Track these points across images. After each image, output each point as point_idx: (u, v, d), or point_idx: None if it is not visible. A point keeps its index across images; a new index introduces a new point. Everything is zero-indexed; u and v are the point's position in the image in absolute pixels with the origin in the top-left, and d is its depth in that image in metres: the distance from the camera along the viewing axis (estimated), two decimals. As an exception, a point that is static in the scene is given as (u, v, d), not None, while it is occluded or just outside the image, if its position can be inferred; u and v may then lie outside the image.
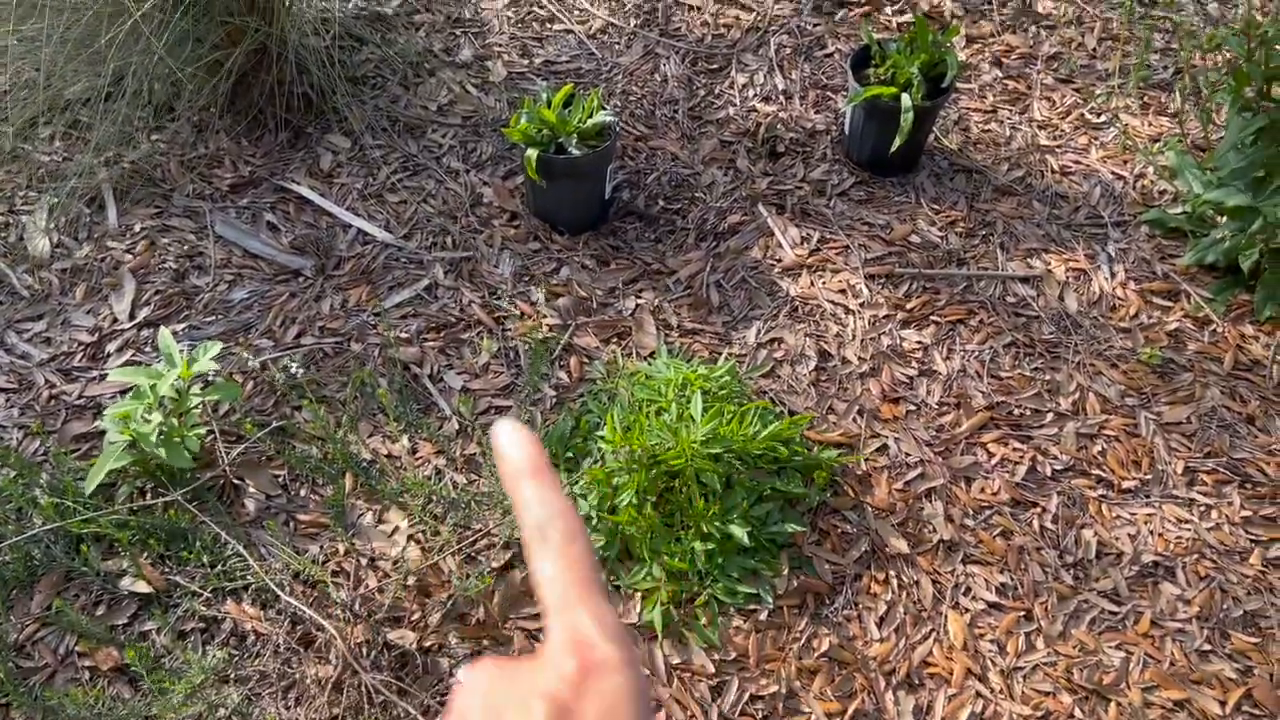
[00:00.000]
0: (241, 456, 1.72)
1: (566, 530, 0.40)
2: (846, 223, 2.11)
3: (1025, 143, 2.26)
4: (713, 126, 2.28)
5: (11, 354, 1.86)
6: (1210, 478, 1.74)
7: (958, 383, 1.86)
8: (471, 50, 2.42)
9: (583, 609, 0.38)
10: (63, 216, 2.05)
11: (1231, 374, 1.87)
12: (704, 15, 2.51)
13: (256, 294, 1.96)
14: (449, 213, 2.11)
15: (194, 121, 2.23)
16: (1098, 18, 2.53)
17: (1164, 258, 2.05)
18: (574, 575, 0.39)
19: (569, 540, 0.40)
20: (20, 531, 1.55)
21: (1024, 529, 1.68)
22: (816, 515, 1.68)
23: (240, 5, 2.05)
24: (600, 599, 0.39)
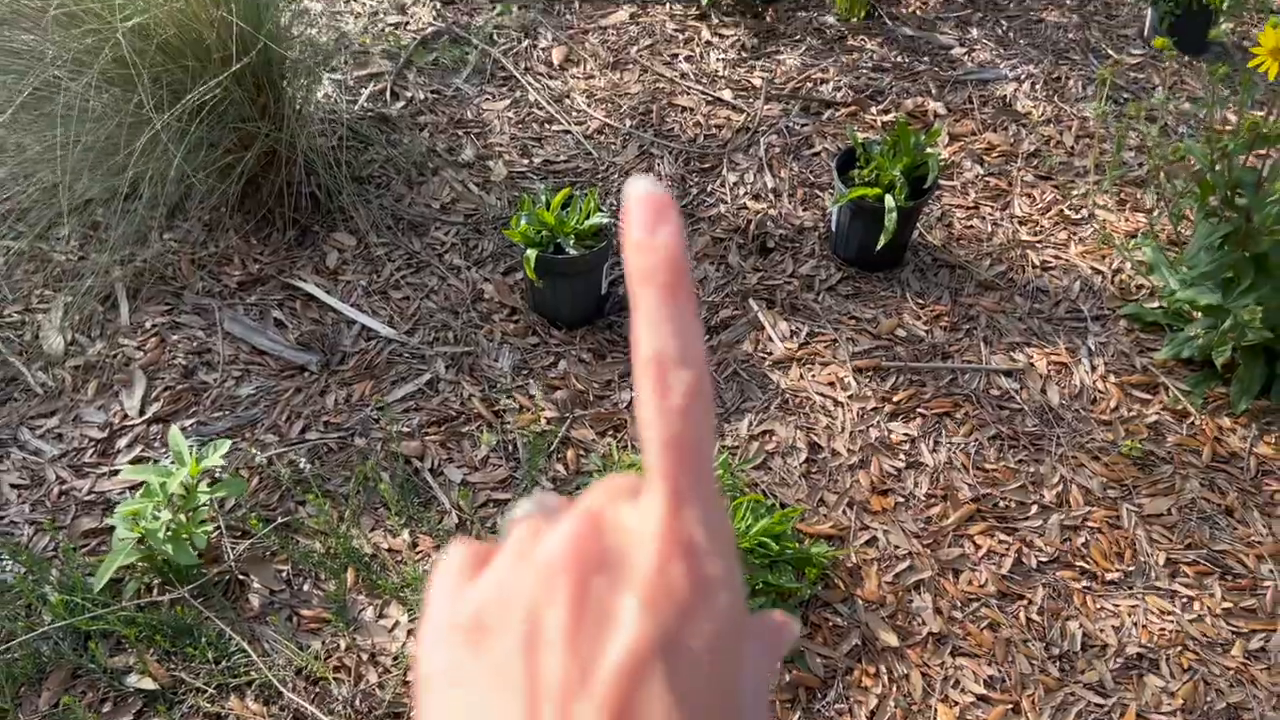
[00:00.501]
0: (247, 552, 1.77)
1: (693, 382, 0.30)
2: (835, 317, 2.18)
3: (1006, 238, 2.34)
4: (705, 223, 2.37)
5: (24, 450, 1.91)
6: (1192, 569, 1.79)
7: (944, 475, 1.91)
8: (473, 150, 2.52)
9: (693, 506, 0.29)
10: (77, 315, 2.12)
11: (1210, 466, 1.93)
12: (696, 116, 2.62)
13: (263, 389, 2.02)
14: (451, 308, 2.18)
15: (205, 221, 2.32)
16: (1075, 116, 2.64)
17: (1142, 351, 2.12)
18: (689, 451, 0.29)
19: (693, 396, 0.29)
20: (30, 628, 1.58)
21: (1011, 621, 1.72)
22: (808, 609, 1.72)
23: (252, 111, 2.14)
24: (715, 493, 0.30)
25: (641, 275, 0.30)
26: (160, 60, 1.98)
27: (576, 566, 0.29)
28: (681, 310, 0.30)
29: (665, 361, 0.29)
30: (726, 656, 0.29)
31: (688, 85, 2.70)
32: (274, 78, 2.16)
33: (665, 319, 0.30)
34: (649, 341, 0.30)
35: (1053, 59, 2.82)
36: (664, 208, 0.31)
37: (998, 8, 3.00)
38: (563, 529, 0.30)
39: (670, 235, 0.31)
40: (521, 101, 2.66)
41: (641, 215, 0.31)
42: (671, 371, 0.29)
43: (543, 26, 2.87)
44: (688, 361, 0.30)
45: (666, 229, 0.31)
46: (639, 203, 0.31)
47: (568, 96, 2.67)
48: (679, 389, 0.29)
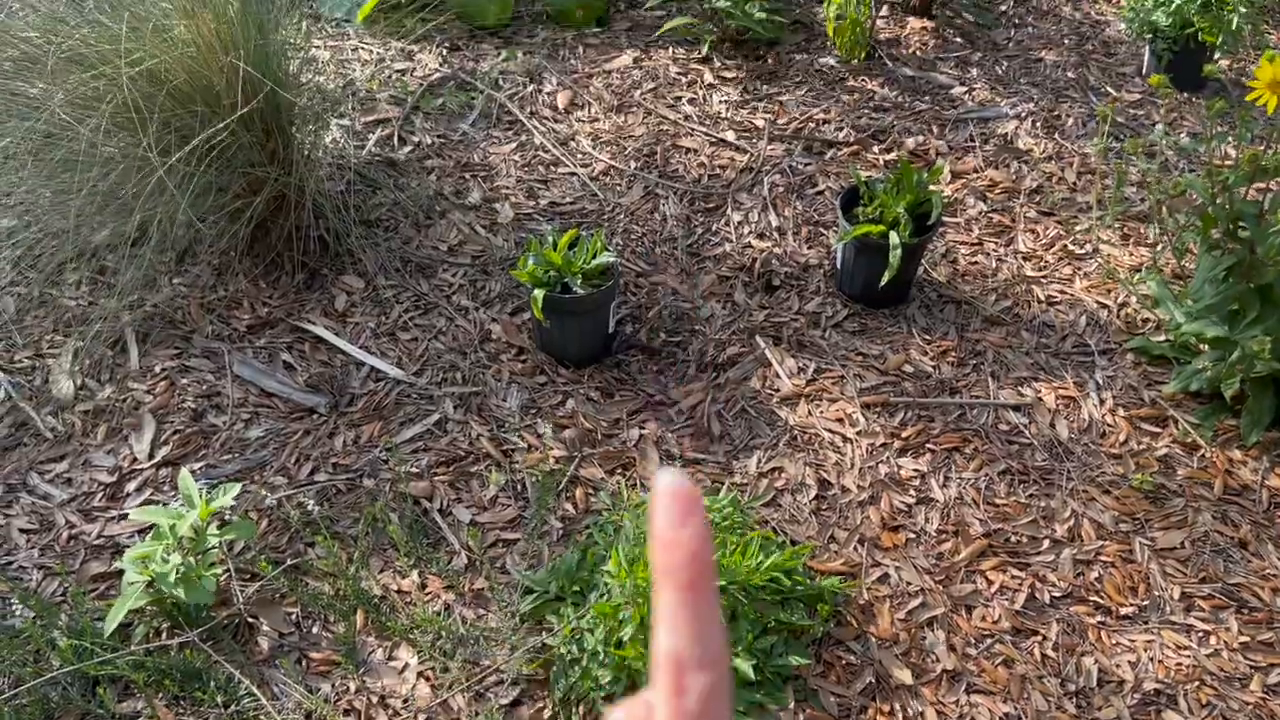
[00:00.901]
0: (256, 595, 1.76)
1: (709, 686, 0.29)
2: (841, 353, 2.19)
3: (1011, 274, 2.35)
4: (710, 262, 2.38)
5: (34, 495, 1.91)
6: (1207, 603, 1.77)
7: (955, 510, 1.91)
8: (480, 193, 2.54)
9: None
10: (87, 359, 2.13)
11: (1222, 499, 1.92)
12: (700, 157, 2.64)
13: (272, 432, 2.02)
14: (459, 349, 2.19)
15: (214, 265, 2.33)
16: (1076, 153, 2.66)
17: (1150, 384, 2.12)
18: None
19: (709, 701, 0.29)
20: (39, 673, 1.58)
21: (1025, 657, 1.70)
22: (821, 646, 1.70)
23: (261, 156, 2.17)
24: None
25: (664, 571, 0.30)
26: (170, 106, 2.00)
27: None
28: (702, 608, 0.30)
29: (683, 662, 0.29)
30: None
31: (691, 127, 2.73)
32: (283, 124, 2.18)
33: (686, 619, 0.30)
34: (667, 639, 0.29)
35: (1052, 97, 2.84)
36: (690, 502, 0.31)
37: (996, 48, 3.04)
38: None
39: (696, 531, 0.31)
40: (527, 145, 2.69)
41: (667, 510, 0.31)
42: (689, 674, 0.29)
43: (547, 71, 2.91)
44: (706, 664, 0.29)
45: (691, 525, 0.31)
46: (665, 496, 0.31)
47: (573, 139, 2.70)
48: (695, 693, 0.29)
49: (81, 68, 1.96)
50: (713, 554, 0.32)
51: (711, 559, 0.30)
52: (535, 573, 1.78)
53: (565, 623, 1.66)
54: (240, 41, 2.03)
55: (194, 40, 1.99)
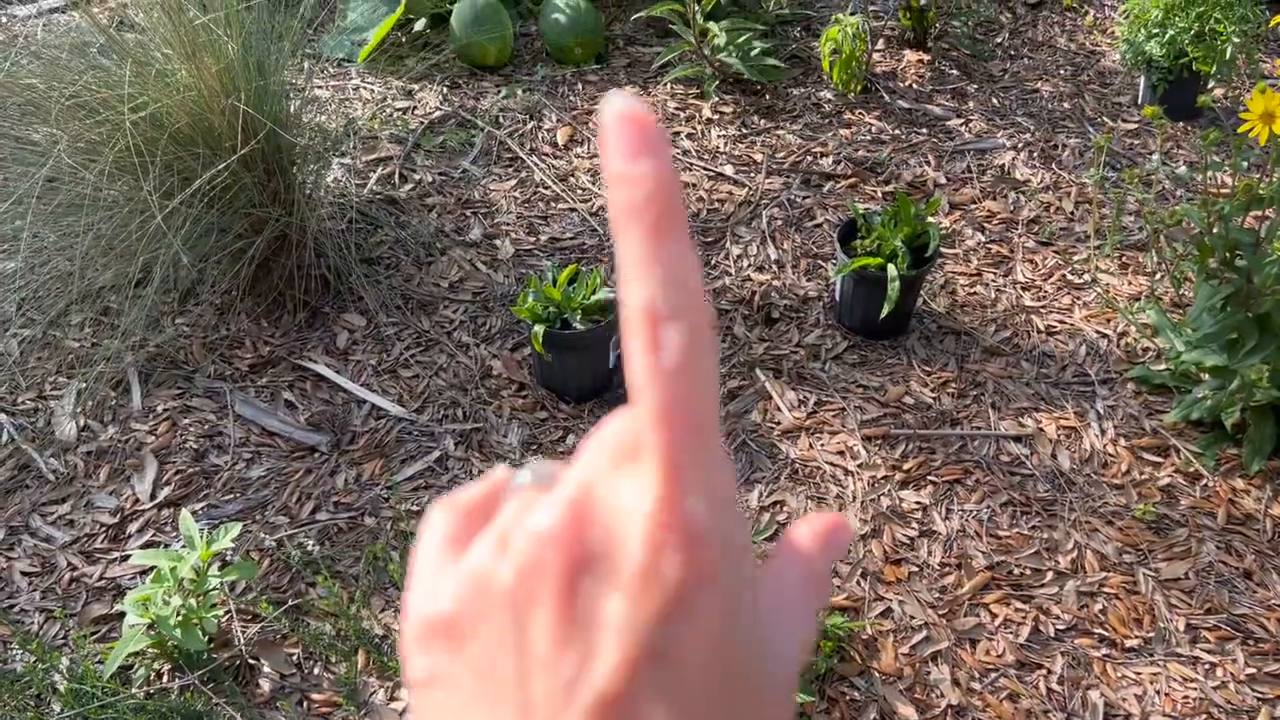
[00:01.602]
0: (257, 636, 1.75)
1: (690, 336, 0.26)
2: (842, 386, 2.19)
3: (1010, 304, 2.36)
4: (710, 296, 2.39)
5: (36, 537, 1.92)
6: (1213, 634, 1.76)
7: (958, 543, 1.90)
8: (481, 230, 2.56)
9: (691, 481, 0.25)
10: (89, 400, 2.14)
11: (1226, 528, 1.91)
12: (699, 191, 2.66)
13: (274, 471, 2.02)
14: (460, 385, 2.19)
15: (216, 305, 2.35)
16: (1073, 183, 2.67)
17: (1151, 414, 2.11)
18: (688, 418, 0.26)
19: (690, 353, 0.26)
20: (39, 718, 1.57)
21: (1031, 691, 1.69)
22: (824, 682, 1.69)
23: (263, 196, 2.19)
24: (718, 461, 0.27)
25: (626, 211, 0.26)
26: (172, 149, 2.02)
27: (561, 562, 0.26)
28: (674, 251, 0.26)
29: (657, 313, 0.25)
30: (733, 651, 0.26)
31: (690, 161, 2.75)
32: (284, 164, 2.20)
33: (655, 261, 0.26)
34: (638, 291, 0.26)
35: (1049, 128, 2.86)
36: (648, 129, 0.26)
37: (992, 79, 3.06)
38: (549, 513, 0.27)
39: (657, 161, 0.26)
40: (527, 181, 2.71)
41: (621, 140, 0.26)
42: (665, 325, 0.25)
43: (547, 108, 2.93)
44: (683, 312, 0.26)
45: (654, 155, 0.26)
46: (618, 124, 0.26)
47: (572, 175, 2.72)
48: (674, 346, 0.25)
49: (85, 113, 1.98)
50: (679, 186, 0.27)
51: (678, 194, 0.26)
52: (537, 610, 1.77)
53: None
54: (241, 84, 2.06)
55: (195, 84, 2.02)
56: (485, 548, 0.28)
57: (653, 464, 0.25)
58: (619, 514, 0.26)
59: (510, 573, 0.27)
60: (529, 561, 0.26)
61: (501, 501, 0.30)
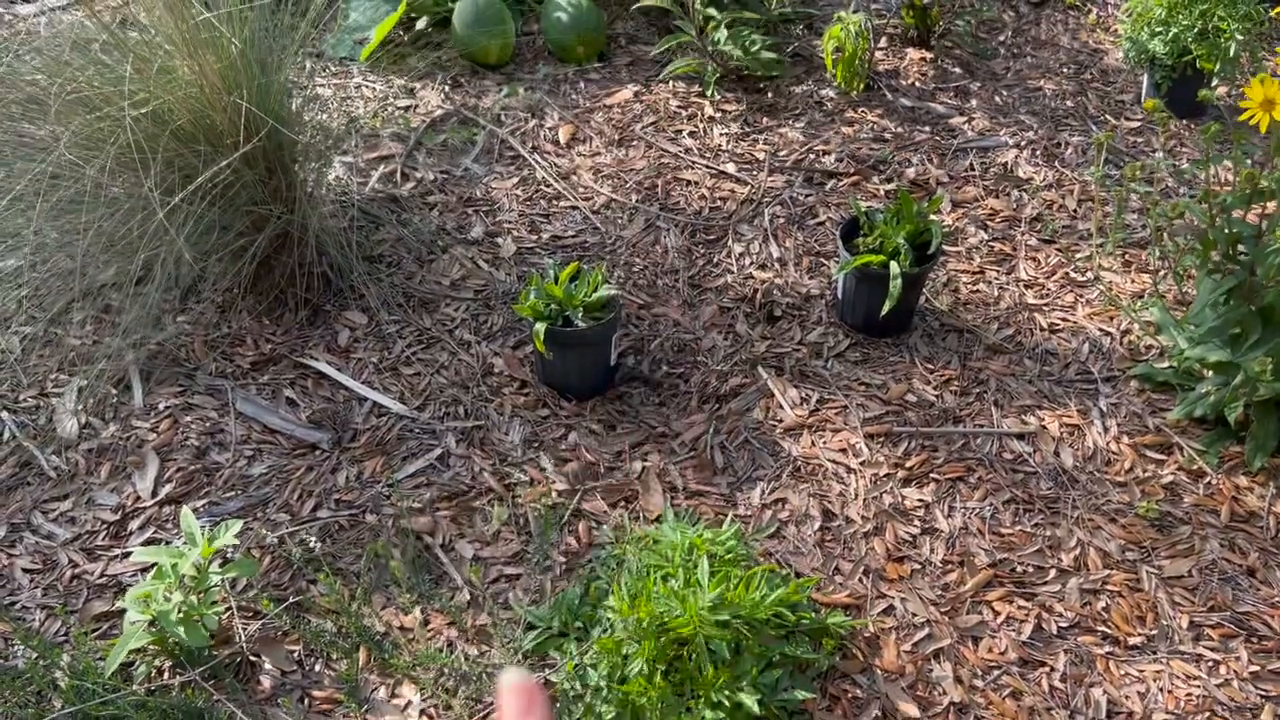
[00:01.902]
0: (258, 633, 1.75)
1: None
2: (844, 383, 2.18)
3: (1013, 302, 2.35)
4: (712, 294, 2.39)
5: (37, 534, 1.92)
6: (1216, 632, 1.75)
7: (960, 540, 1.89)
8: (482, 227, 2.56)
9: None
10: (91, 398, 2.14)
11: (1229, 526, 1.90)
12: (701, 189, 2.65)
13: (275, 468, 2.02)
14: (461, 383, 2.19)
15: (218, 303, 2.35)
16: (1076, 181, 2.67)
17: (1154, 411, 2.11)
18: None
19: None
20: (40, 715, 1.57)
21: (1033, 688, 1.68)
22: (826, 680, 1.69)
23: (264, 194, 2.19)
24: None
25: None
26: (174, 146, 2.02)
27: None
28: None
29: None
30: None
31: (692, 160, 2.75)
32: (286, 162, 2.20)
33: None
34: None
35: (1052, 126, 2.86)
36: (531, 696, 0.36)
37: (995, 77, 3.05)
38: None
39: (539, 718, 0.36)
40: (529, 179, 2.70)
41: (511, 705, 0.36)
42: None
43: (549, 106, 2.93)
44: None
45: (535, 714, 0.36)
46: (508, 693, 0.37)
47: (574, 173, 2.71)
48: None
49: (86, 109, 1.98)
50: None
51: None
52: (538, 608, 1.77)
53: (568, 658, 1.65)
54: (243, 81, 2.06)
55: (197, 80, 2.02)
56: None
57: None
58: None
59: None
60: None
61: None
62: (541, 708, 0.37)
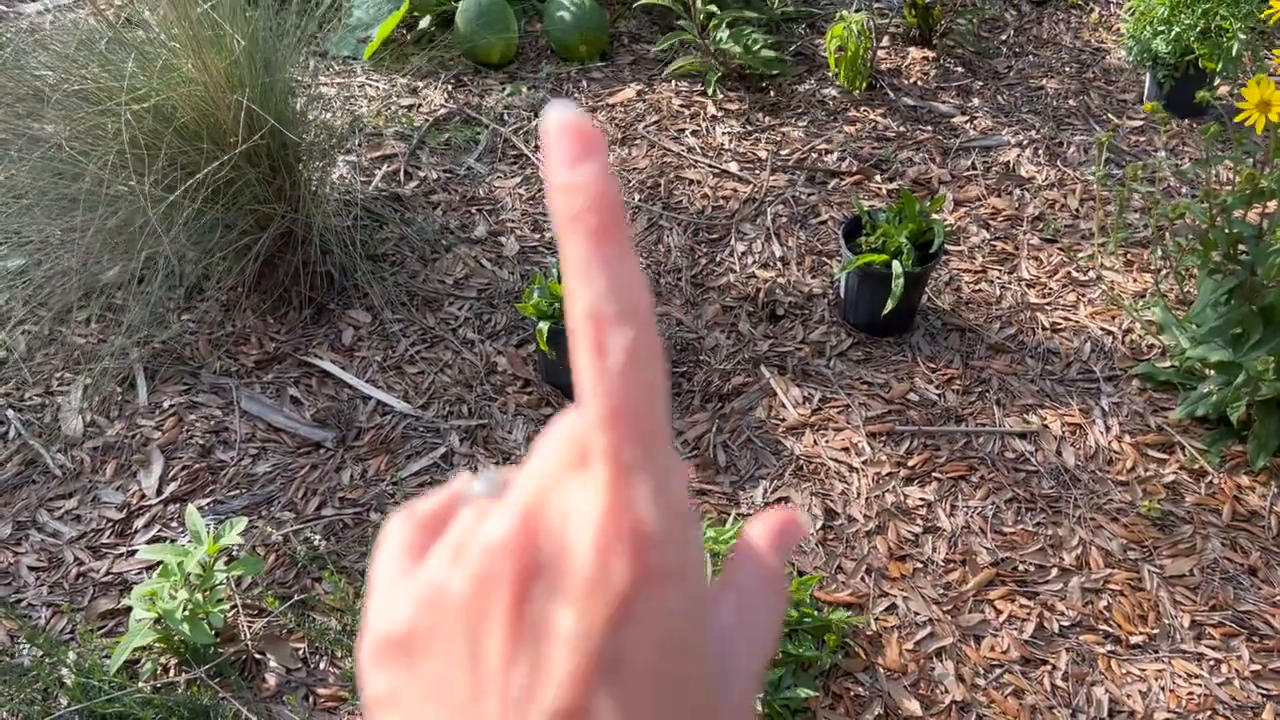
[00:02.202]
0: (263, 630, 1.76)
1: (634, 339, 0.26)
2: (846, 382, 2.19)
3: (1015, 301, 2.36)
4: (714, 293, 2.39)
5: (43, 532, 1.92)
6: (1217, 631, 1.76)
7: (962, 539, 1.90)
8: (486, 227, 2.56)
9: (641, 485, 0.25)
10: (96, 396, 2.15)
11: (1231, 525, 1.91)
12: (703, 188, 2.66)
13: (279, 466, 2.03)
14: (465, 382, 2.20)
15: (222, 301, 2.35)
16: (1078, 180, 2.67)
17: (1156, 410, 2.11)
18: (635, 420, 0.26)
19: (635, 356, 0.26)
20: (47, 712, 1.58)
21: (1035, 687, 1.69)
22: (829, 678, 1.70)
23: (268, 193, 2.19)
24: (669, 464, 0.26)
25: (568, 218, 0.27)
26: (177, 143, 2.03)
27: (513, 572, 0.26)
28: (617, 256, 0.26)
29: (602, 318, 0.26)
30: (688, 657, 0.26)
31: (694, 159, 2.75)
32: (289, 160, 2.21)
33: (598, 267, 0.26)
34: (582, 297, 0.26)
35: (1054, 125, 2.86)
36: (589, 137, 0.27)
37: (997, 76, 3.06)
38: (502, 522, 0.27)
39: (597, 169, 0.27)
40: (532, 178, 2.71)
41: (563, 148, 0.27)
42: (609, 329, 0.26)
43: (624, 203, 2.93)
44: (627, 316, 0.26)
45: (593, 162, 0.27)
46: (559, 133, 0.27)
47: (577, 172, 2.71)
48: (619, 349, 0.25)
49: (89, 106, 1.99)
50: (619, 193, 0.27)
51: (618, 198, 0.27)
52: (542, 606, 1.78)
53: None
54: (247, 79, 2.06)
55: (201, 78, 2.02)
56: (440, 559, 0.28)
57: (601, 469, 0.25)
58: (569, 520, 0.26)
59: (464, 583, 0.27)
60: (481, 572, 0.26)
61: (457, 510, 0.30)
62: (600, 152, 0.27)
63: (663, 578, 0.25)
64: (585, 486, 0.26)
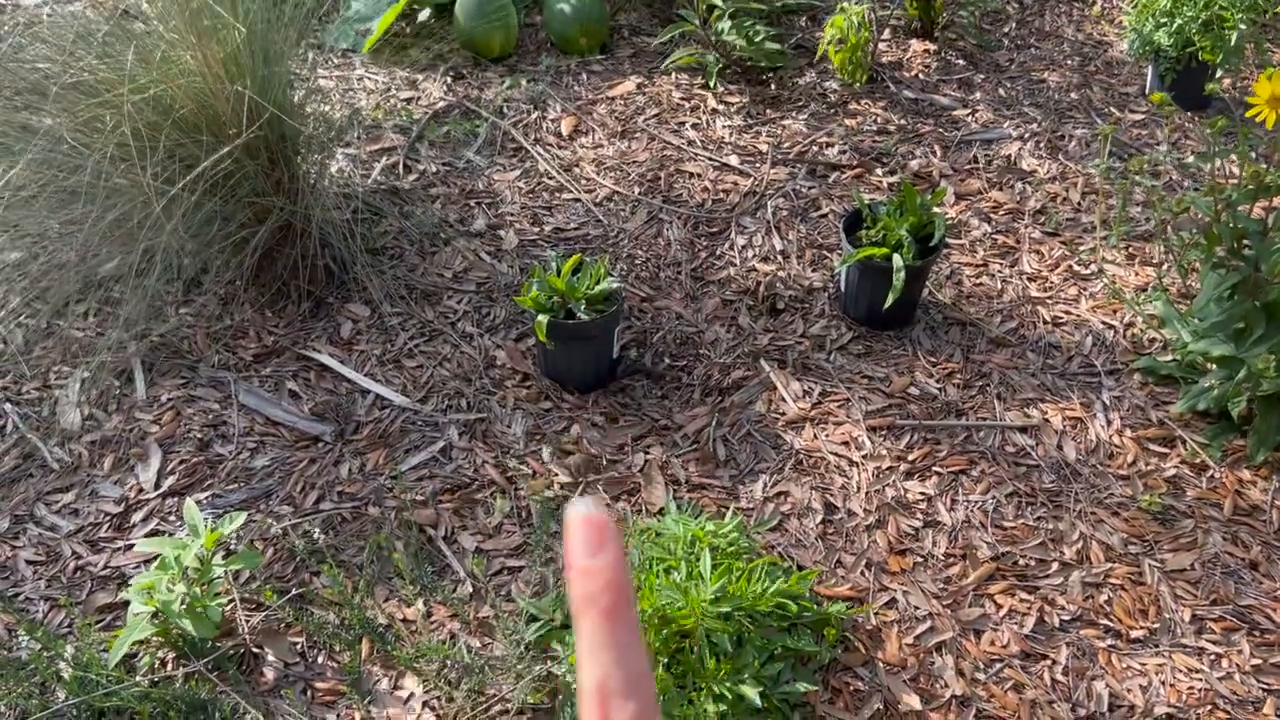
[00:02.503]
0: (261, 624, 1.76)
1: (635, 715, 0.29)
2: (847, 376, 2.18)
3: (1016, 295, 2.35)
4: (714, 286, 2.38)
5: (40, 526, 1.92)
6: (1218, 625, 1.75)
7: (962, 534, 1.90)
8: (485, 220, 2.55)
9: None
10: (94, 390, 2.14)
11: (1232, 519, 1.90)
12: (704, 182, 2.65)
13: (278, 461, 2.02)
14: (464, 376, 2.19)
15: (220, 295, 2.35)
16: (1080, 173, 2.66)
17: (1158, 404, 2.11)
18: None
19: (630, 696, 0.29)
20: (44, 706, 1.57)
21: (1035, 682, 1.69)
22: (828, 672, 1.69)
23: (266, 185, 2.18)
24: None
25: (582, 600, 0.30)
26: (176, 135, 2.02)
27: None
28: (623, 635, 0.29)
29: (607, 691, 0.29)
30: None
31: (695, 152, 2.74)
32: (288, 153, 2.20)
33: (607, 647, 0.29)
34: (590, 671, 0.29)
35: (1056, 118, 2.85)
36: (604, 530, 0.31)
37: (999, 69, 3.04)
38: None
39: (611, 558, 0.30)
40: (532, 171, 2.70)
41: (582, 538, 0.31)
42: (614, 702, 0.28)
43: (551, 99, 2.93)
44: (630, 691, 0.28)
45: (607, 552, 0.31)
46: (579, 526, 0.31)
47: (577, 165, 2.71)
48: None
49: (88, 97, 1.98)
50: (630, 581, 0.31)
51: (629, 585, 0.30)
52: (540, 600, 1.78)
53: (570, 651, 1.65)
54: (246, 70, 2.05)
55: (200, 69, 2.01)
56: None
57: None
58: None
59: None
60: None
61: None
62: (614, 543, 0.31)
63: None
64: None
